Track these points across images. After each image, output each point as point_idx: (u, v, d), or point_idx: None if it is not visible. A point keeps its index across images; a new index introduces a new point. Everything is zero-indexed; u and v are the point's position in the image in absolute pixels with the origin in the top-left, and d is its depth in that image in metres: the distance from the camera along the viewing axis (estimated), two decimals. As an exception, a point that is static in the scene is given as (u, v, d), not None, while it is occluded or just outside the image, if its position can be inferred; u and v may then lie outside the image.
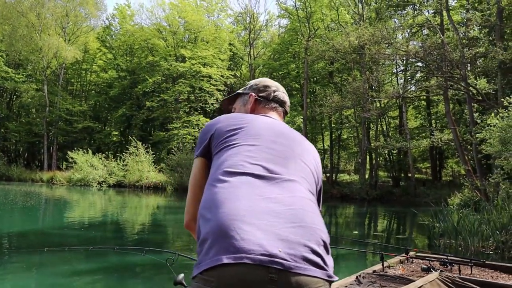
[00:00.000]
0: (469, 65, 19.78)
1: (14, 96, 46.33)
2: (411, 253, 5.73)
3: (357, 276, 4.43)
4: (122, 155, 34.07)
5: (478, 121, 18.68)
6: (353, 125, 32.51)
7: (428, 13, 26.59)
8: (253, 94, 1.74)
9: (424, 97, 32.12)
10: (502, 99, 12.64)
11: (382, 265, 5.07)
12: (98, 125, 44.90)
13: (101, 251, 8.40)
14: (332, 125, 36.17)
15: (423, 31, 31.07)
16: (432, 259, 5.44)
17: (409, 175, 31.04)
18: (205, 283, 1.11)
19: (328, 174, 34.87)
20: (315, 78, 38.23)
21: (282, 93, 1.78)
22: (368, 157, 33.18)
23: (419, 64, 28.94)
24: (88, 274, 6.98)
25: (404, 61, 32.91)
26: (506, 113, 11.44)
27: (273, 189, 1.27)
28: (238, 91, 1.82)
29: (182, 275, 1.77)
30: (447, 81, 17.67)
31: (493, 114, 11.81)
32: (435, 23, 21.45)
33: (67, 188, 30.91)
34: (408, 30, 30.43)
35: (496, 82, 17.39)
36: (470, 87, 16.67)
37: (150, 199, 24.88)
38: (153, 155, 34.24)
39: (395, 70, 36.67)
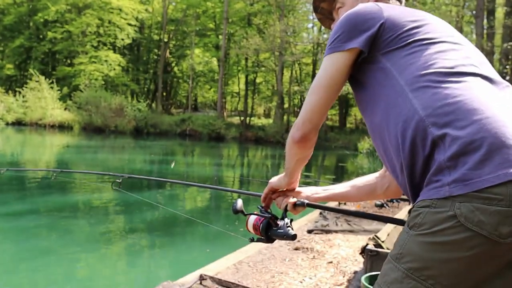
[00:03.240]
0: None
1: None
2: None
3: (320, 212, 4.43)
4: (22, 89, 31.12)
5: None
6: (272, 69, 32.59)
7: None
8: None
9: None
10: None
11: (339, 203, 5.28)
12: (-11, 56, 40.26)
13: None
14: (248, 68, 35.95)
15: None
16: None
17: (320, 120, 32.35)
18: (488, 202, 0.92)
19: (242, 118, 35.06)
20: (232, 20, 37.25)
21: None
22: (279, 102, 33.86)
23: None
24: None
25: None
26: None
27: (506, 95, 1.08)
28: None
29: (240, 201, 1.45)
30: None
31: None
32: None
33: (-45, 125, 27.77)
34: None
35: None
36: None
37: (55, 138, 23.25)
38: (58, 92, 31.74)
39: (311, 17, 37.08)
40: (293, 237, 1.37)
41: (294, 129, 1.27)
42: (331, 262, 3.91)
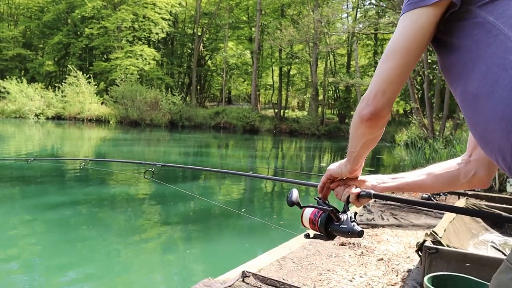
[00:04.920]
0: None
1: None
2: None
3: (365, 205, 4.20)
4: (61, 85, 31.94)
5: (429, 61, 18.87)
6: (306, 60, 32.10)
7: None
8: None
9: (373, 36, 32.16)
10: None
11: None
12: (30, 53, 41.43)
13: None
14: (282, 60, 35.56)
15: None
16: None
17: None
18: None
19: (276, 110, 34.78)
20: (265, 11, 36.90)
21: None
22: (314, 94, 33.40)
23: (373, 1, 28.71)
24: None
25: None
26: None
27: None
28: None
29: (296, 191, 1.23)
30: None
31: None
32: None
33: (0, 121, 28.77)
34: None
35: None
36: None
37: (93, 132, 23.69)
38: (95, 86, 32.44)
39: (345, 6, 36.36)
40: (360, 233, 1.13)
41: (363, 104, 1.03)
42: (381, 259, 3.63)
